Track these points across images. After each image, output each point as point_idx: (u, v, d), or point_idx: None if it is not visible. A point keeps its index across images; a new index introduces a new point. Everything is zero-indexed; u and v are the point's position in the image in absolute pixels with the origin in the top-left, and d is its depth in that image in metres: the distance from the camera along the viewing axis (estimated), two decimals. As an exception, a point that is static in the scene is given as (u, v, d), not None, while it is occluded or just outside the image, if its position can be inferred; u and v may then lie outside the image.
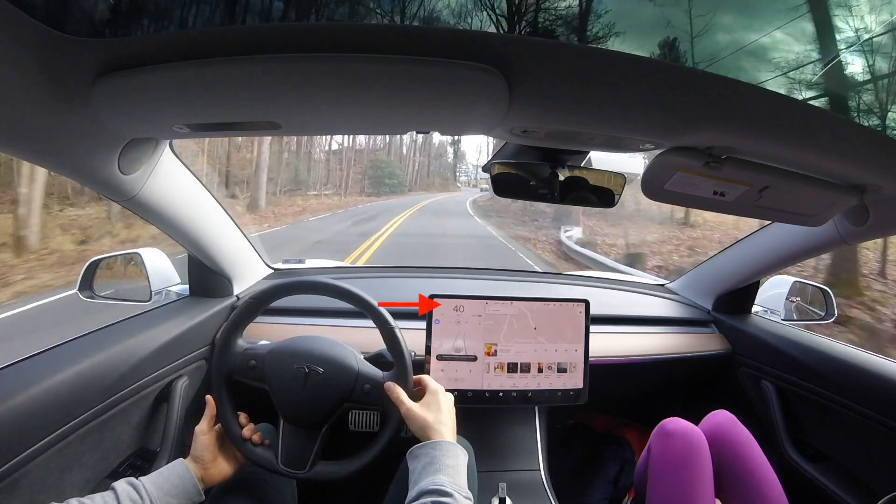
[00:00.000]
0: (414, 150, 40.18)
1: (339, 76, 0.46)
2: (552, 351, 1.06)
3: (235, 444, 0.78)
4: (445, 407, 0.77)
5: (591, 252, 8.17)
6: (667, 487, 0.89)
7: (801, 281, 1.32)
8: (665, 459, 0.91)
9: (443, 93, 0.49)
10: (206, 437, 0.75)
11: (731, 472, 0.92)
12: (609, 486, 1.30)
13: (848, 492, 0.96)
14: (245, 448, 0.77)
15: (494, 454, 1.08)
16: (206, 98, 0.50)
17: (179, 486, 0.69)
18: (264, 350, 0.81)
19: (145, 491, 0.64)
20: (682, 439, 0.92)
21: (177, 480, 0.69)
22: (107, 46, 0.43)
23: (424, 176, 42.76)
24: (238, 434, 0.78)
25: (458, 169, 52.34)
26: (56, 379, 0.70)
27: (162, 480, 0.68)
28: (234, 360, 0.80)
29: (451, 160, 51.65)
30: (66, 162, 0.64)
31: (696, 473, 0.89)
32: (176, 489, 0.68)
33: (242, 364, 0.79)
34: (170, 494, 0.67)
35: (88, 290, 1.06)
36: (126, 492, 0.63)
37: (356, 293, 0.81)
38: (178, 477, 0.69)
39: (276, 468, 0.77)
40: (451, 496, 0.60)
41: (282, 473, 0.77)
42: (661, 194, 0.71)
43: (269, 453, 0.78)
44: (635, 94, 0.49)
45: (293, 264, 1.55)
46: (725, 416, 1.00)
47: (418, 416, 0.74)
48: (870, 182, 0.68)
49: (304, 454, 0.78)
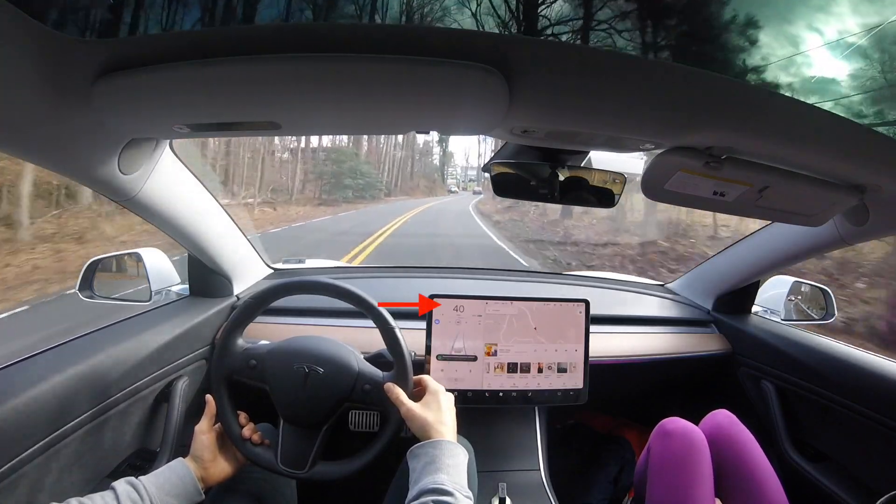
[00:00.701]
0: (392, 145, 31.13)
1: (339, 76, 0.46)
2: (552, 351, 1.06)
3: (235, 444, 0.78)
4: (446, 406, 0.77)
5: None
6: (666, 487, 0.89)
7: (801, 281, 1.32)
8: (664, 459, 0.91)
9: (443, 93, 0.49)
10: (206, 437, 0.75)
11: (731, 472, 0.92)
12: (609, 486, 1.30)
13: (848, 492, 0.96)
14: (245, 448, 0.77)
15: (494, 454, 1.08)
16: (206, 98, 0.50)
17: (179, 485, 0.69)
18: (264, 350, 0.81)
19: (145, 490, 0.64)
20: (682, 439, 0.92)
21: (176, 480, 0.69)
22: (107, 46, 0.43)
23: (407, 177, 34.81)
24: (238, 434, 0.78)
25: (446, 171, 45.66)
26: (56, 379, 0.70)
27: (162, 480, 0.68)
28: (233, 360, 0.79)
29: (439, 160, 44.70)
30: (66, 162, 0.64)
31: (695, 473, 0.89)
32: (176, 489, 0.68)
33: (242, 364, 0.79)
34: (170, 494, 0.67)
35: (88, 290, 1.06)
36: (126, 492, 0.63)
37: (356, 293, 0.81)
38: (178, 477, 0.69)
39: (276, 468, 0.77)
40: (451, 495, 0.60)
41: (281, 473, 0.77)
42: (661, 194, 0.71)
43: (269, 453, 0.78)
44: (635, 94, 0.49)
45: (293, 264, 1.55)
46: (725, 415, 1.00)
47: (418, 416, 0.74)
48: (870, 182, 0.68)
49: (304, 454, 0.78)
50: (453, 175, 47.20)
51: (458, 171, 47.07)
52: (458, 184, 44.02)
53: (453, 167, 47.76)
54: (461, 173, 46.95)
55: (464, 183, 43.78)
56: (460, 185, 43.44)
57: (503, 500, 0.88)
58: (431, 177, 41.39)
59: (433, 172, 42.89)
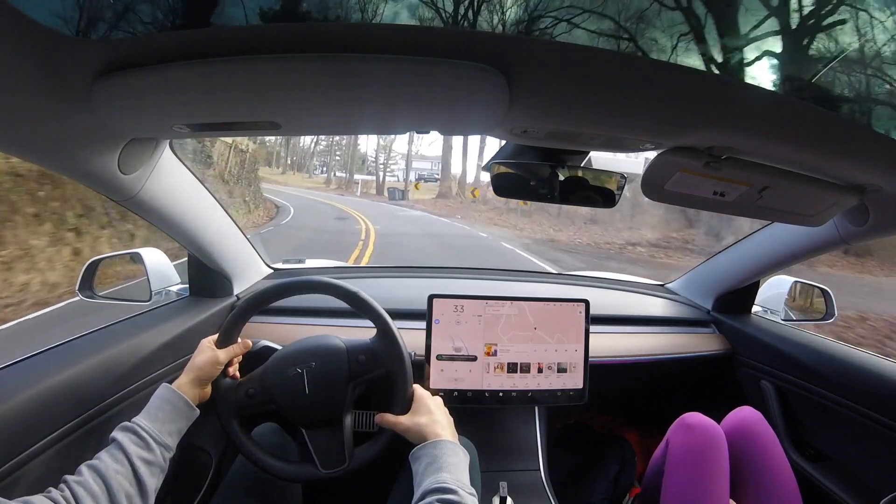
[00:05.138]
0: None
1: (339, 76, 0.46)
2: (552, 351, 1.06)
3: (276, 475, 0.78)
4: (434, 407, 0.78)
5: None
6: (684, 479, 0.90)
7: (801, 281, 1.32)
8: (685, 451, 0.92)
9: (443, 93, 0.49)
10: (217, 356, 0.77)
11: (749, 471, 0.93)
12: (609, 486, 1.30)
13: (848, 492, 0.96)
14: (288, 473, 0.78)
15: (494, 454, 1.08)
16: (206, 98, 0.50)
17: (172, 411, 0.69)
18: (256, 375, 0.81)
19: (143, 430, 0.64)
20: (703, 434, 0.92)
21: (168, 408, 0.69)
22: (107, 46, 0.43)
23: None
24: (279, 466, 0.78)
25: (370, 157, 28.47)
26: (56, 379, 0.70)
27: (154, 411, 0.68)
28: (232, 399, 0.79)
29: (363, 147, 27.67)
30: (66, 162, 0.64)
31: (714, 468, 0.89)
32: (169, 415, 0.68)
33: (243, 399, 0.79)
34: (165, 422, 0.67)
35: (88, 289, 1.06)
36: (129, 439, 0.63)
37: (356, 293, 0.81)
38: (168, 402, 0.69)
39: (322, 475, 0.77)
40: (455, 493, 0.60)
41: (330, 477, 0.78)
42: (661, 194, 0.71)
43: (307, 468, 0.78)
44: (635, 94, 0.49)
45: (293, 264, 1.55)
46: (751, 412, 1.00)
47: (411, 425, 0.75)
48: (870, 182, 0.68)
49: (338, 450, 0.78)
50: (392, 170, 29.85)
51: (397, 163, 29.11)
52: (405, 183, 26.57)
53: (393, 156, 30.28)
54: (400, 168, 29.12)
55: (402, 183, 27.03)
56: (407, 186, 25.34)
57: (504, 500, 0.88)
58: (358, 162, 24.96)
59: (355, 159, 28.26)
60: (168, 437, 0.67)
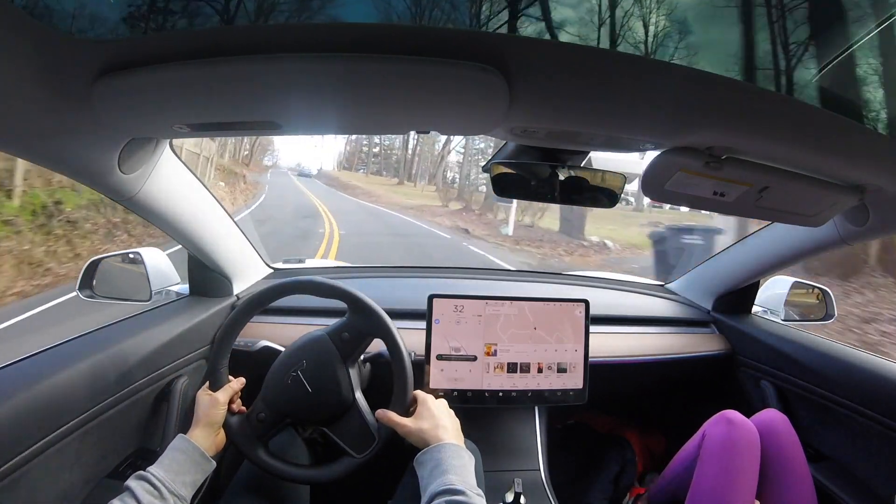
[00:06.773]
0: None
1: (339, 76, 0.46)
2: (552, 351, 1.06)
3: (324, 482, 0.79)
4: (439, 411, 0.77)
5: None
6: (716, 472, 0.91)
7: (801, 281, 1.32)
8: (722, 444, 0.92)
9: (443, 93, 0.49)
10: (223, 407, 0.77)
11: (773, 473, 0.93)
12: (609, 487, 1.30)
13: (848, 492, 0.96)
14: (334, 474, 0.78)
15: (494, 454, 1.08)
16: (206, 98, 0.50)
17: (187, 462, 0.68)
18: (258, 400, 0.82)
19: (157, 479, 0.64)
20: (743, 429, 0.93)
21: (183, 458, 0.69)
22: (107, 46, 0.43)
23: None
24: (323, 473, 0.79)
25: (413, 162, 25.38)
26: (56, 378, 0.70)
27: (168, 461, 0.67)
28: (249, 431, 0.80)
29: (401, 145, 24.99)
30: (66, 162, 0.64)
31: (746, 465, 0.90)
32: (183, 465, 0.68)
33: (256, 426, 0.80)
34: (179, 472, 0.67)
35: (88, 289, 1.06)
36: (142, 488, 0.62)
37: (354, 293, 0.81)
38: (182, 452, 0.69)
39: (360, 461, 0.78)
40: (463, 493, 0.60)
41: (366, 459, 0.78)
42: (661, 194, 0.71)
43: (343, 463, 0.79)
44: (635, 94, 0.49)
45: (293, 264, 1.55)
46: (776, 414, 1.00)
47: (414, 429, 0.74)
48: (870, 182, 0.68)
49: (363, 432, 0.79)
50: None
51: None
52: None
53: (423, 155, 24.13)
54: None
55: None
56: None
57: (518, 496, 0.88)
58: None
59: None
60: (182, 488, 0.66)
